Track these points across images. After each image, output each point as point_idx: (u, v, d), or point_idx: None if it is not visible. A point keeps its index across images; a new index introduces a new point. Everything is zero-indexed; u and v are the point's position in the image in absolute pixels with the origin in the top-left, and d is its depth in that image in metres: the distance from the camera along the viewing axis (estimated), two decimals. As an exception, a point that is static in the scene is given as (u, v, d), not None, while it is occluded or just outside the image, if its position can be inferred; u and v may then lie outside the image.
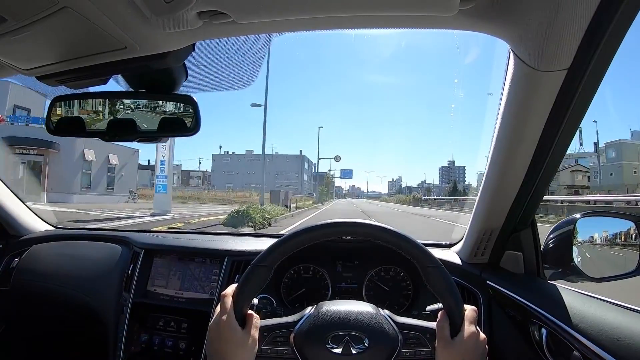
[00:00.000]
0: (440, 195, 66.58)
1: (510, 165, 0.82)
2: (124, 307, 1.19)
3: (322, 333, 0.71)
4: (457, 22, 0.60)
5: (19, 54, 0.74)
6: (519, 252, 0.97)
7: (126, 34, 0.64)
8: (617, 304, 0.72)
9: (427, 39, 60.40)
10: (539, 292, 0.86)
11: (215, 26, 0.62)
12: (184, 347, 1.11)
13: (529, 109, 0.71)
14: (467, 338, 0.67)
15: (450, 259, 1.12)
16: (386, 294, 1.18)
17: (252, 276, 0.70)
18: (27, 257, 1.40)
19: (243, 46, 0.76)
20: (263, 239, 1.35)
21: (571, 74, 0.62)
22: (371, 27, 0.65)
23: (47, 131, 0.87)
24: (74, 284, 1.31)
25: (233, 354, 0.67)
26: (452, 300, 0.69)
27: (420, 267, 0.70)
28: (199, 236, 1.46)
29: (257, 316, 0.71)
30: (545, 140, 0.74)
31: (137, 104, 0.83)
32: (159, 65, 0.73)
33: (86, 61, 0.73)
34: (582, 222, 0.88)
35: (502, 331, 0.94)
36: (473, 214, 1.00)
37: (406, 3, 0.56)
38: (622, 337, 0.61)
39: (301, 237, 0.72)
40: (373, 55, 70.43)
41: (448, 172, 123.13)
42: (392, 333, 0.72)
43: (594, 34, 0.55)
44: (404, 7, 0.57)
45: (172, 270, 1.22)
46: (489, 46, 0.75)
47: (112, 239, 1.41)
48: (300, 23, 0.63)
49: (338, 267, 1.21)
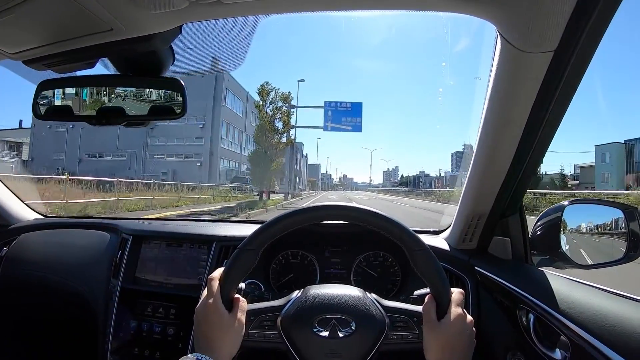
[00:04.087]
0: (452, 185, 60.43)
1: (498, 149, 0.83)
2: (112, 293, 1.19)
3: (309, 316, 0.71)
4: (445, 4, 0.60)
5: (6, 37, 0.73)
6: (507, 238, 0.97)
7: (112, 15, 0.63)
8: (604, 289, 0.72)
9: (417, 24, 59.62)
10: (526, 277, 0.87)
11: (201, 7, 0.61)
12: (173, 333, 1.11)
13: (516, 92, 0.71)
14: (453, 320, 0.68)
15: (439, 245, 1.13)
16: (374, 280, 1.18)
17: (239, 260, 0.70)
18: (16, 246, 1.40)
19: (230, 29, 0.76)
20: (252, 225, 1.34)
21: (558, 55, 0.62)
22: (358, 9, 0.64)
23: (33, 115, 0.86)
24: (62, 271, 1.31)
25: (219, 337, 0.67)
26: (439, 283, 0.69)
27: (408, 250, 0.70)
28: (187, 222, 1.47)
29: (244, 300, 0.72)
30: (533, 124, 0.74)
31: (127, 93, 0.83)
32: (145, 48, 0.72)
33: (73, 44, 0.73)
34: (570, 209, 0.89)
35: (490, 316, 0.94)
36: (461, 199, 1.01)
37: None
38: (608, 322, 0.61)
39: (287, 220, 0.71)
40: (363, 41, 69.54)
41: (464, 158, 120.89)
42: (379, 316, 0.72)
43: (581, 16, 0.55)
44: None
45: (160, 257, 1.22)
46: (478, 30, 0.74)
47: (101, 227, 1.41)
48: (287, 3, 0.62)
49: (326, 253, 1.22)
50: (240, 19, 0.70)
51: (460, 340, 0.68)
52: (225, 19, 0.69)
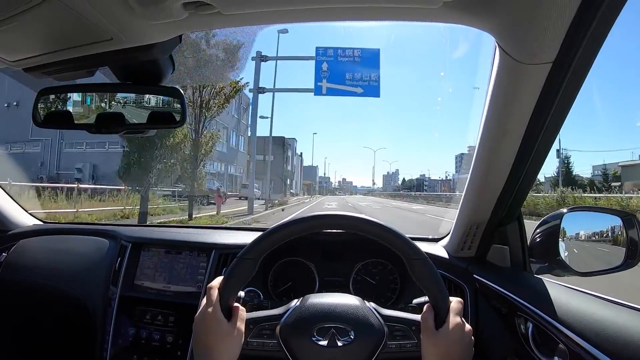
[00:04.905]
0: (461, 188, 59.34)
1: (496, 159, 0.83)
2: (111, 300, 1.19)
3: (308, 325, 0.71)
4: (442, 15, 0.60)
5: (5, 45, 0.73)
6: (505, 246, 0.97)
7: (112, 25, 0.64)
8: (602, 297, 0.72)
9: (415, 34, 59.25)
10: (525, 285, 0.87)
11: (201, 17, 0.62)
12: (171, 341, 1.11)
13: (514, 102, 0.71)
14: (452, 329, 0.68)
15: (437, 253, 1.13)
16: (373, 288, 1.18)
17: (238, 269, 0.70)
18: (15, 252, 1.39)
19: (230, 38, 0.76)
20: (251, 232, 1.34)
21: (556, 67, 0.62)
22: (356, 19, 0.65)
23: (33, 123, 0.86)
24: (61, 278, 1.30)
25: (218, 346, 0.67)
26: (437, 292, 0.69)
27: (406, 259, 0.70)
28: (187, 230, 1.47)
29: (243, 308, 0.72)
30: (531, 134, 0.75)
31: (126, 99, 0.83)
32: (145, 57, 0.72)
33: (72, 52, 0.73)
34: (569, 216, 0.89)
35: (489, 324, 0.94)
36: (460, 208, 1.01)
37: None
38: (607, 330, 0.61)
39: (286, 229, 0.72)
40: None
41: (470, 160, 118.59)
42: (378, 325, 0.72)
43: (579, 28, 0.55)
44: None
45: (159, 264, 1.22)
46: (477, 40, 0.75)
47: (100, 233, 1.41)
48: (286, 15, 0.63)
49: (325, 261, 1.21)
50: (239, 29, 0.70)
51: (458, 350, 0.68)
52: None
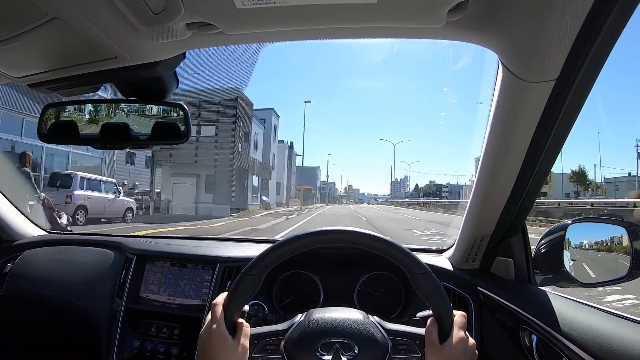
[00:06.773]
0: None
1: (500, 174, 0.83)
2: (116, 312, 1.19)
3: (312, 341, 0.71)
4: (446, 33, 0.61)
5: (10, 62, 0.74)
6: (509, 259, 0.97)
7: (116, 44, 0.64)
8: (607, 310, 0.72)
9: (419, 48, 59.52)
10: (529, 298, 0.87)
11: (204, 36, 0.62)
12: (176, 353, 1.11)
13: (517, 119, 0.71)
14: (456, 343, 0.68)
15: (442, 265, 1.12)
16: (378, 300, 1.18)
17: (242, 284, 0.70)
18: (20, 262, 1.40)
19: (234, 54, 0.77)
20: (255, 245, 1.35)
21: (559, 85, 0.62)
22: (359, 38, 0.65)
23: (39, 138, 0.87)
24: (66, 289, 1.31)
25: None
26: (440, 306, 0.69)
27: (409, 273, 0.70)
28: (192, 242, 1.46)
29: (247, 324, 0.72)
30: (534, 150, 0.75)
31: (130, 108, 0.84)
32: (149, 74, 0.73)
33: (77, 70, 0.74)
34: (573, 227, 0.89)
35: (493, 337, 0.94)
36: (464, 220, 1.01)
37: (394, 15, 0.56)
38: (611, 344, 0.61)
39: (290, 245, 0.72)
40: (367, 63, 68.67)
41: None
42: (382, 340, 0.72)
43: (582, 46, 0.55)
44: (392, 19, 0.57)
45: (164, 276, 1.22)
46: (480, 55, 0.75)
47: (105, 244, 1.41)
48: (288, 34, 0.63)
49: (330, 273, 1.21)
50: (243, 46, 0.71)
51: None
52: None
